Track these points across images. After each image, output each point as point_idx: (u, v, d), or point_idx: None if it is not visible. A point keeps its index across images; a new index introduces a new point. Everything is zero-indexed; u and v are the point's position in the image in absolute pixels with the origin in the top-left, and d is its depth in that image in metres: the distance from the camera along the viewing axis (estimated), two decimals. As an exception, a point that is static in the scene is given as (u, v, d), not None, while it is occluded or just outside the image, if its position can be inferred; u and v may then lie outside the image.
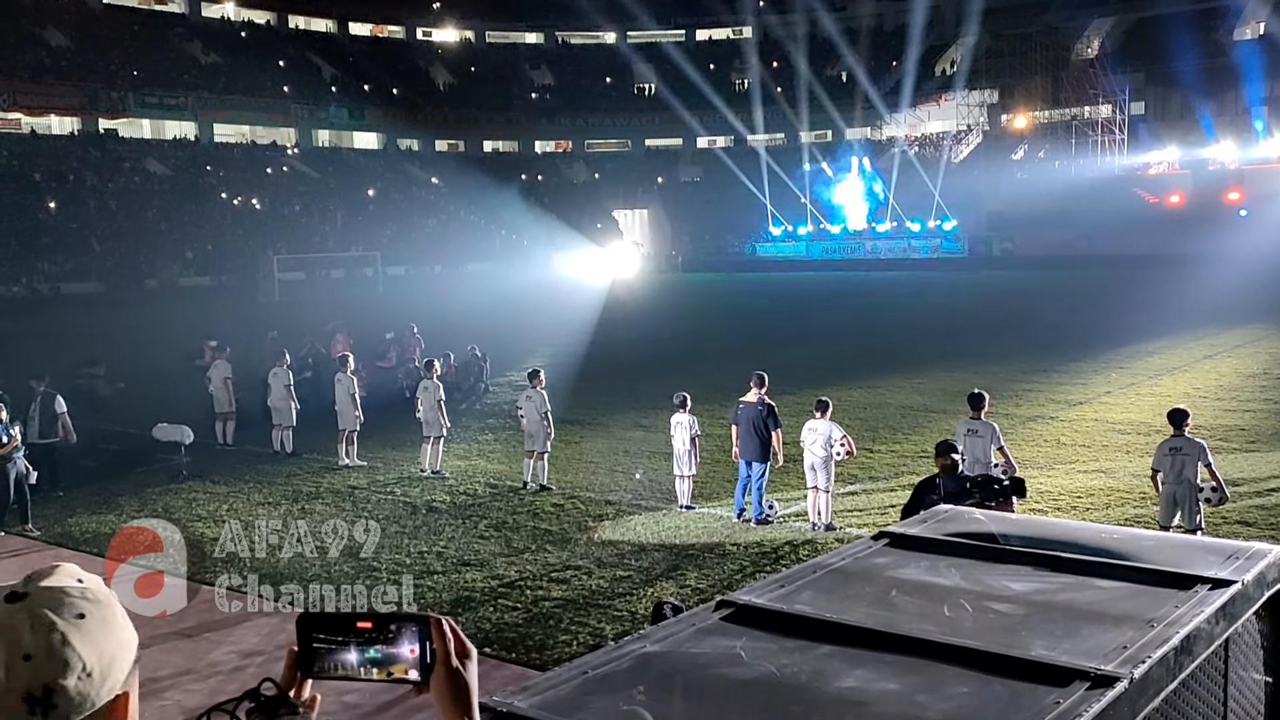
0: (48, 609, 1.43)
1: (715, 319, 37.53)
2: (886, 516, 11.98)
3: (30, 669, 1.39)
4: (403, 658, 1.78)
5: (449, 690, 1.77)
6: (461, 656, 1.79)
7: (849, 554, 4.24)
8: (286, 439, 17.04)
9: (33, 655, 1.40)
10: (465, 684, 1.78)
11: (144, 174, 60.47)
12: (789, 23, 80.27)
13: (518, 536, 12.10)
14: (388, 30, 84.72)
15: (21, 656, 1.39)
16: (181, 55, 69.99)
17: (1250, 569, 3.76)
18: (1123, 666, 2.89)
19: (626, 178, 79.21)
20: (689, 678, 3.09)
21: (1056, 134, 70.08)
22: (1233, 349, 24.42)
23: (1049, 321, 31.10)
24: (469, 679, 1.79)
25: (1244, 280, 35.63)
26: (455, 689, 1.77)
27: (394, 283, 54.40)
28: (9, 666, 1.39)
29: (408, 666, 1.77)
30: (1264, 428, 16.25)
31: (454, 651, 1.78)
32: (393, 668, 1.78)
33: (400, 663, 1.78)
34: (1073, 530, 4.93)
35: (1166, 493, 9.77)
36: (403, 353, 22.57)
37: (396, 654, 1.78)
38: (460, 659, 1.79)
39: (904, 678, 2.98)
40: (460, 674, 1.78)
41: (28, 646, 1.40)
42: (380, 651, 1.78)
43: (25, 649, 1.40)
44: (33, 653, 1.40)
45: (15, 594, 1.44)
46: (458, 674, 1.78)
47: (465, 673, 1.79)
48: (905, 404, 19.57)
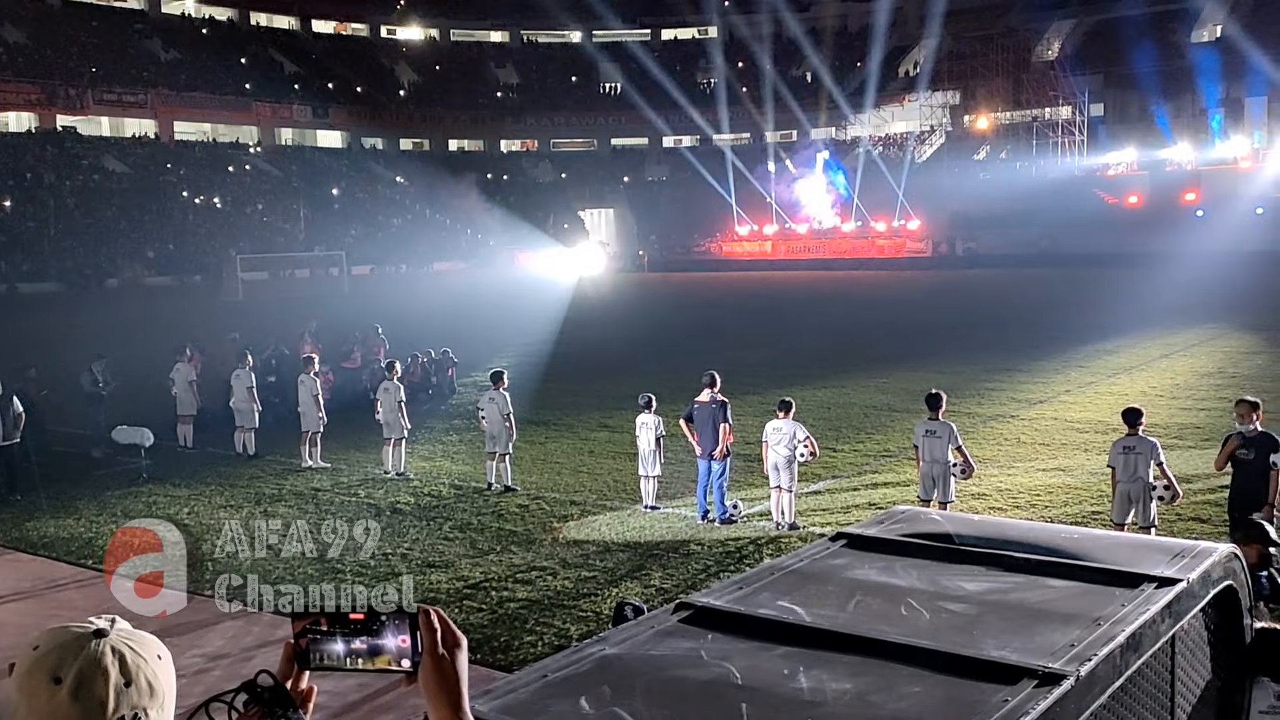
0: (134, 646, 1.65)
1: (681, 319, 37.62)
2: (850, 515, 12.10)
3: (129, 695, 1.61)
4: (388, 649, 1.81)
5: (436, 680, 1.80)
6: (451, 646, 1.82)
7: (807, 555, 4.30)
8: (249, 441, 16.92)
9: (131, 683, 1.61)
10: (453, 674, 1.81)
11: (103, 172, 59.67)
12: (754, 23, 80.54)
13: (482, 538, 12.10)
14: (351, 28, 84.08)
15: (124, 684, 1.61)
16: (141, 52, 69.11)
17: (1196, 567, 3.85)
18: (1069, 664, 2.96)
19: (592, 177, 79.15)
20: (648, 679, 3.13)
21: (1018, 135, 70.86)
22: (1188, 348, 24.82)
23: (1011, 321, 31.45)
24: (458, 669, 1.82)
25: (1200, 280, 36.22)
26: (442, 679, 1.80)
27: (359, 282, 54.07)
28: (117, 692, 1.59)
29: (393, 657, 1.81)
30: (1218, 426, 16.50)
31: (442, 641, 1.81)
32: (378, 659, 1.82)
33: (386, 654, 1.82)
34: (1026, 530, 5.02)
35: (1120, 491, 9.94)
36: (367, 353, 22.47)
37: (382, 645, 1.82)
38: (449, 649, 1.82)
39: (859, 678, 3.04)
40: (448, 663, 1.81)
41: (129, 675, 1.61)
42: (366, 642, 1.82)
43: (128, 677, 1.61)
44: (131, 680, 1.61)
45: (101, 631, 1.65)
46: (445, 663, 1.80)
47: (454, 662, 1.81)
48: (869, 403, 19.73)
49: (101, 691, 1.58)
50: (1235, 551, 4.28)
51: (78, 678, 1.58)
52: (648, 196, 76.73)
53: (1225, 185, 56.79)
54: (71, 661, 1.59)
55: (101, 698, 1.58)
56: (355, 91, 77.17)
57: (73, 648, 1.61)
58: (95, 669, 1.59)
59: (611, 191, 77.99)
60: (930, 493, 11.08)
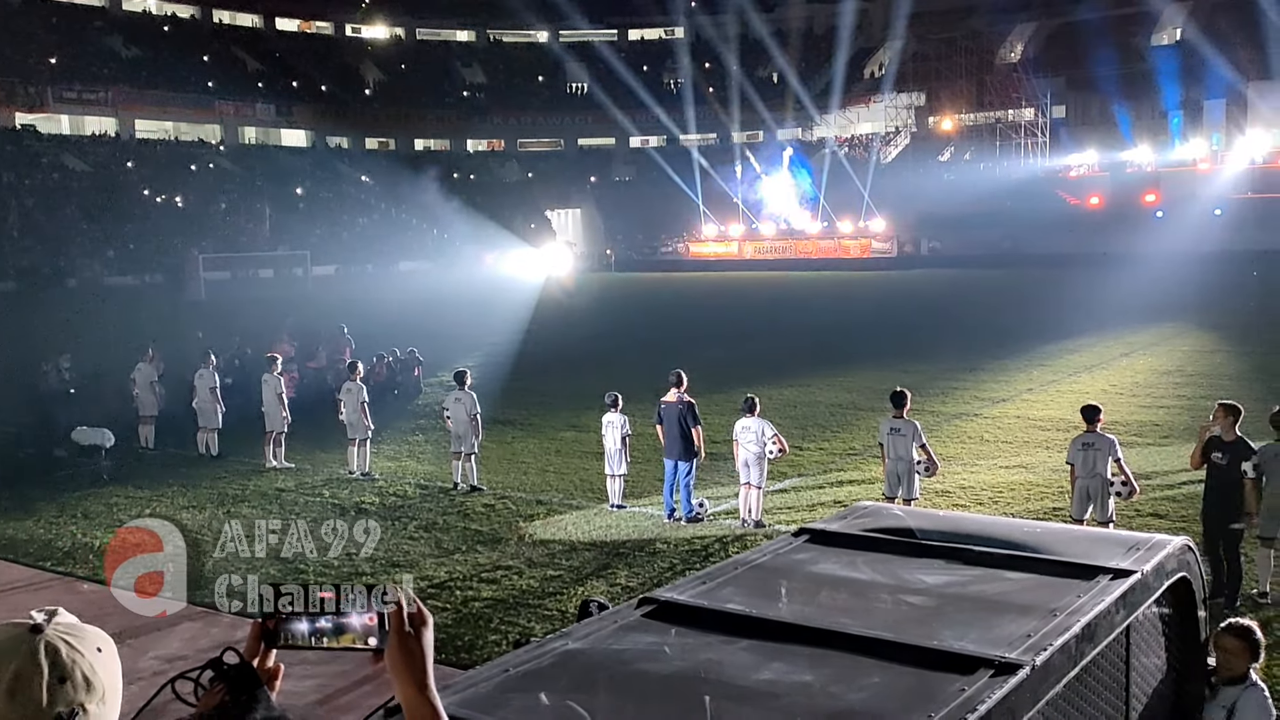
0: (71, 640, 1.61)
1: (647, 319, 37.66)
2: (816, 513, 12.16)
3: (64, 692, 1.57)
4: (353, 627, 1.82)
5: (402, 658, 1.81)
6: (418, 625, 1.83)
7: (770, 550, 4.33)
8: (212, 441, 16.77)
9: (67, 679, 1.57)
10: (419, 652, 1.82)
11: (63, 170, 58.85)
12: (720, 24, 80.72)
13: (448, 537, 12.06)
14: (316, 26, 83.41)
15: (58, 680, 1.57)
16: (102, 49, 68.22)
17: (1150, 559, 3.92)
18: (1025, 654, 3.00)
19: (559, 177, 79.02)
20: (610, 673, 3.14)
21: (981, 136, 71.57)
22: (1148, 347, 25.14)
23: (974, 320, 31.72)
24: (424, 647, 1.83)
25: (1159, 280, 36.70)
26: (408, 657, 1.81)
27: (323, 282, 53.65)
28: (49, 689, 1.56)
29: (359, 636, 1.81)
30: (1176, 423, 16.77)
31: (409, 620, 1.82)
32: (343, 637, 1.82)
33: (350, 632, 1.82)
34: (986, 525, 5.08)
35: (1079, 487, 10.06)
36: (332, 353, 22.32)
37: (346, 624, 1.82)
38: (416, 627, 1.83)
39: (819, 669, 3.07)
40: (414, 641, 1.82)
41: (63, 671, 1.57)
42: (331, 621, 1.82)
43: (61, 673, 1.57)
44: (67, 676, 1.57)
45: (37, 626, 1.60)
46: (411, 641, 1.81)
47: (420, 641, 1.82)
48: (835, 402, 19.84)
49: (36, 690, 1.55)
50: (1189, 544, 4.36)
51: (14, 677, 1.55)
52: (615, 197, 76.72)
53: (1184, 187, 57.60)
54: (7, 662, 1.56)
55: (36, 696, 1.55)
56: (320, 90, 76.59)
57: (8, 646, 1.57)
58: (31, 666, 1.56)
59: (578, 191, 77.92)
60: (895, 490, 11.16)
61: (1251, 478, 8.98)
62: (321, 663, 6.96)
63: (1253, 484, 9.00)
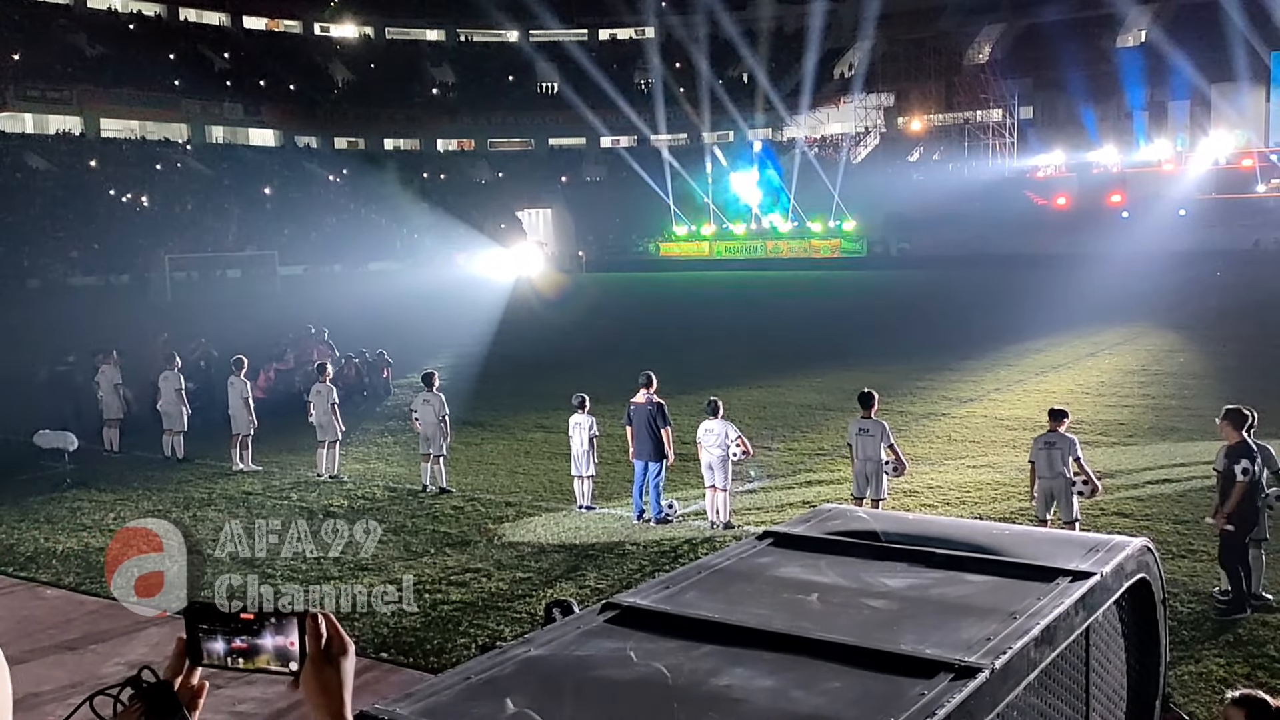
0: None
1: (618, 319, 37.62)
2: (784, 514, 12.19)
3: None
4: (266, 649, 1.76)
5: (317, 686, 1.76)
6: (337, 654, 1.77)
7: (734, 554, 4.34)
8: (177, 444, 16.60)
9: None
10: (335, 682, 1.76)
11: (25, 169, 58.05)
12: (690, 24, 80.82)
13: (416, 540, 12.00)
14: (283, 25, 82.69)
15: None
16: (66, 47, 67.32)
17: (1109, 561, 3.96)
18: (985, 658, 3.02)
19: (530, 177, 78.81)
20: (572, 680, 3.13)
21: (950, 137, 72.09)
22: (1114, 346, 25.40)
23: (943, 320, 31.91)
24: (342, 677, 1.77)
25: (1125, 280, 37.09)
26: (323, 686, 1.76)
27: (292, 283, 53.22)
28: None
29: (273, 658, 1.76)
30: (1141, 422, 16.96)
31: (326, 648, 1.77)
32: (257, 659, 1.77)
33: (264, 654, 1.77)
34: (949, 527, 5.11)
35: (1042, 487, 10.14)
36: (300, 355, 22.16)
37: (260, 645, 1.76)
38: (335, 656, 1.77)
39: (781, 674, 3.07)
40: (330, 671, 1.76)
41: None
42: (246, 641, 1.77)
43: None
44: None
45: None
46: (328, 671, 1.76)
47: (338, 670, 1.77)
48: (803, 403, 19.91)
49: None
50: (1149, 545, 4.40)
51: None
52: (586, 196, 76.61)
53: (1149, 187, 58.28)
54: None
55: None
56: (288, 89, 75.97)
57: None
58: None
59: (549, 191, 77.73)
60: (864, 490, 11.22)
61: (1241, 480, 8.89)
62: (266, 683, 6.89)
63: (1241, 486, 8.89)
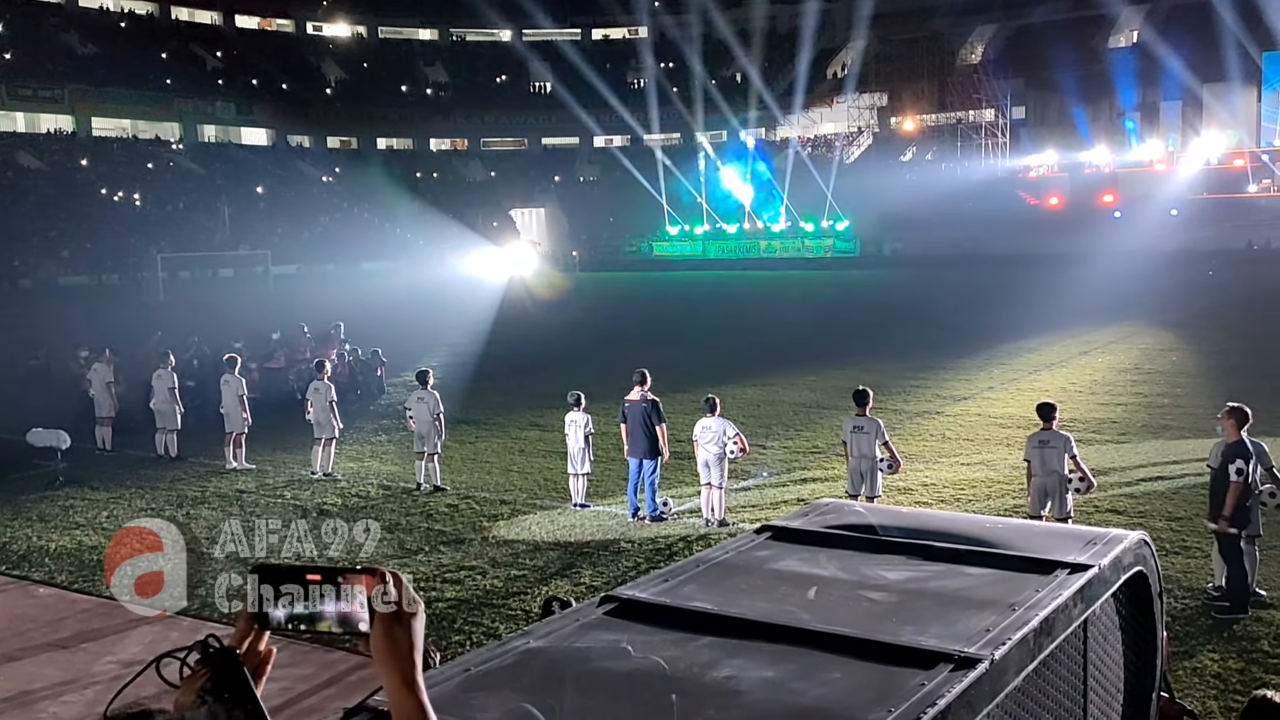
0: None
1: (612, 318, 37.62)
2: (779, 511, 12.19)
3: None
4: (328, 614, 1.71)
5: (386, 646, 1.70)
6: (409, 612, 1.71)
7: (732, 548, 4.33)
8: (170, 443, 16.56)
9: None
10: (405, 643, 1.70)
11: (17, 168, 57.86)
12: (684, 24, 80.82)
13: (411, 538, 11.98)
14: (276, 23, 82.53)
15: None
16: (57, 46, 67.12)
17: (1107, 554, 3.96)
18: (984, 649, 3.02)
19: (523, 176, 78.79)
20: (571, 672, 3.12)
21: (943, 137, 72.23)
22: (1106, 345, 25.46)
23: (936, 319, 31.97)
24: (413, 638, 1.71)
25: (1117, 279, 37.17)
26: (392, 646, 1.70)
27: (285, 282, 53.12)
28: None
29: (334, 624, 1.71)
30: (1134, 420, 17.01)
31: (396, 606, 1.71)
32: (319, 624, 1.72)
33: (325, 620, 1.71)
34: (947, 521, 5.11)
35: (1037, 484, 10.15)
36: (292, 353, 22.13)
37: (321, 611, 1.71)
38: (407, 614, 1.71)
39: (780, 666, 3.07)
40: (400, 631, 1.70)
41: None
42: (306, 608, 1.72)
43: None
44: None
45: None
46: (396, 631, 1.70)
47: (408, 631, 1.71)
48: (798, 401, 19.93)
49: None
50: (1145, 539, 4.41)
51: None
52: (579, 196, 76.60)
53: (1141, 187, 58.43)
54: None
55: None
56: (281, 88, 75.82)
57: None
58: None
59: (542, 191, 77.73)
60: (858, 488, 11.23)
61: (1236, 480, 8.87)
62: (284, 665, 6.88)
63: (1236, 487, 8.87)
